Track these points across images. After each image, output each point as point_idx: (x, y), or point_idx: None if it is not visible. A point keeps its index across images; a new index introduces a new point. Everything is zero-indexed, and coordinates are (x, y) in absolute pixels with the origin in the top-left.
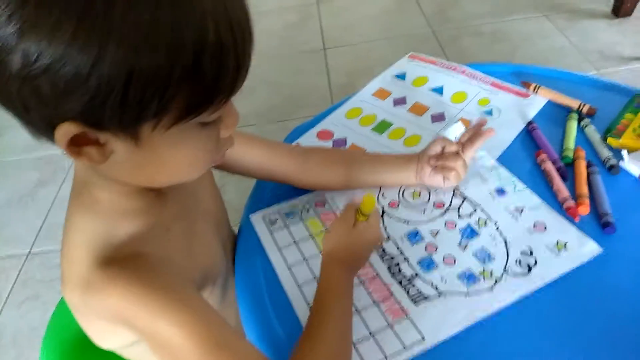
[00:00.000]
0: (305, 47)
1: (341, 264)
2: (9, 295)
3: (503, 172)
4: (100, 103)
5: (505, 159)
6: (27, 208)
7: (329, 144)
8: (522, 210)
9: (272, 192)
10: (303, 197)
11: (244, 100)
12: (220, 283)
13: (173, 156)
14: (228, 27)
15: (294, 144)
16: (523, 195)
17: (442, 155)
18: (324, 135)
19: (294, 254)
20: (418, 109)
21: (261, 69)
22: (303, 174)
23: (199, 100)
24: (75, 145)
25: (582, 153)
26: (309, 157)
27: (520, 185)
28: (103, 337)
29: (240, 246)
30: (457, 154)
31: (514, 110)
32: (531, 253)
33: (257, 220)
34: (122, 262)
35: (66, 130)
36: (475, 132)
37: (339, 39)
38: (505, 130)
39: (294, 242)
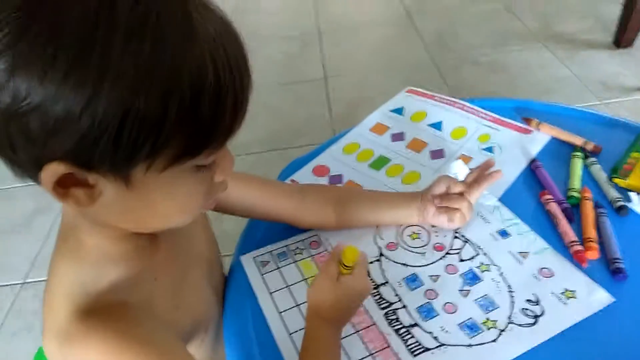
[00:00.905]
0: (306, 76)
1: (326, 321)
2: (1, 326)
3: (506, 212)
4: (91, 143)
5: (507, 199)
6: (23, 237)
7: (324, 180)
8: (526, 255)
9: (265, 231)
10: (296, 237)
11: (244, 129)
12: (212, 330)
13: (165, 200)
14: (227, 68)
15: (288, 180)
16: (527, 238)
17: (446, 195)
18: (320, 171)
19: (286, 299)
20: (417, 145)
21: (262, 97)
22: (299, 213)
23: (196, 143)
24: (62, 186)
25: (589, 194)
26: (305, 195)
27: (524, 227)
28: None
29: (230, 289)
30: (462, 194)
31: (516, 147)
32: (538, 302)
33: (248, 261)
34: (102, 313)
35: (54, 170)
36: (481, 173)
37: (339, 68)
38: (508, 168)
39: (286, 286)
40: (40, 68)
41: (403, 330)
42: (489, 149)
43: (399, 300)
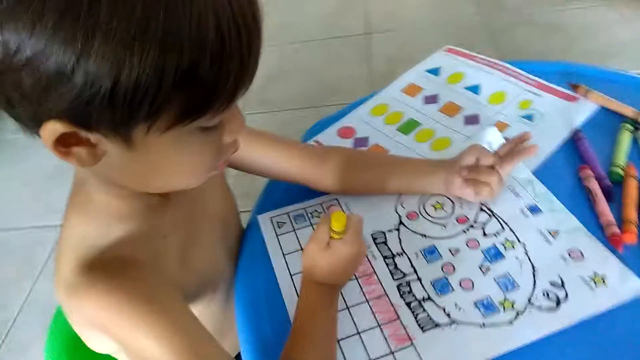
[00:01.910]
0: (347, 32)
1: (319, 285)
2: (44, 266)
3: (539, 187)
4: (86, 102)
5: (543, 172)
6: (68, 180)
7: (349, 142)
8: (556, 234)
9: (285, 192)
10: (316, 199)
11: (280, 85)
12: (223, 289)
13: (168, 162)
14: (233, 27)
15: (312, 141)
16: (560, 216)
17: (476, 167)
18: (345, 132)
19: (299, 262)
20: (450, 109)
21: (301, 53)
22: (320, 176)
23: (198, 105)
24: (64, 145)
25: (634, 171)
26: (328, 158)
27: (558, 204)
28: (91, 340)
29: (245, 248)
30: (492, 167)
31: (559, 116)
32: (562, 284)
33: (265, 221)
34: (105, 266)
35: (52, 128)
36: (515, 146)
37: (383, 25)
38: (547, 139)
39: (300, 248)
40: (28, 21)
41: (415, 303)
42: (529, 117)
43: (414, 272)
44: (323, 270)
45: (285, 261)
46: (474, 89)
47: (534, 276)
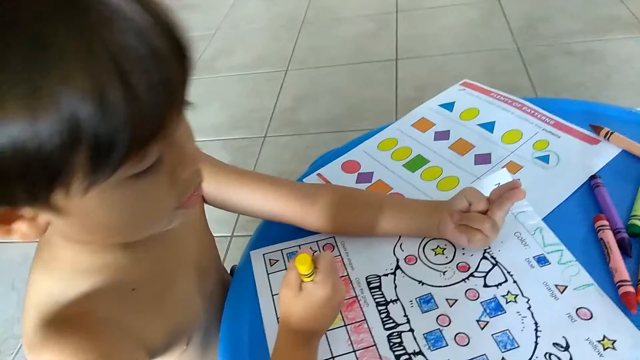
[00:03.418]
0: (377, 57)
1: (296, 332)
2: None
3: (549, 236)
4: None
5: (554, 220)
6: None
7: (353, 177)
8: (565, 289)
9: (282, 227)
10: (312, 237)
11: (304, 107)
12: (197, 340)
13: (115, 216)
14: (111, 65)
15: (315, 175)
16: (569, 270)
17: (468, 212)
18: (349, 167)
19: None
20: (461, 147)
21: (329, 77)
22: (309, 217)
23: (103, 161)
24: (3, 223)
25: None
26: (318, 197)
27: (568, 256)
28: None
29: (234, 286)
30: (485, 213)
31: (577, 159)
32: (567, 347)
33: (257, 257)
34: (63, 324)
35: None
36: (505, 190)
37: (413, 50)
38: (562, 183)
39: None
40: None
41: (405, 357)
42: (544, 158)
43: (407, 322)
44: (298, 316)
45: (274, 302)
46: (488, 127)
47: (536, 335)
